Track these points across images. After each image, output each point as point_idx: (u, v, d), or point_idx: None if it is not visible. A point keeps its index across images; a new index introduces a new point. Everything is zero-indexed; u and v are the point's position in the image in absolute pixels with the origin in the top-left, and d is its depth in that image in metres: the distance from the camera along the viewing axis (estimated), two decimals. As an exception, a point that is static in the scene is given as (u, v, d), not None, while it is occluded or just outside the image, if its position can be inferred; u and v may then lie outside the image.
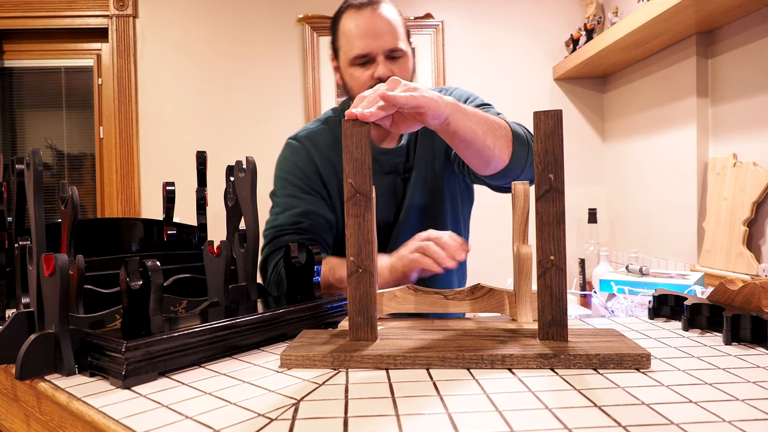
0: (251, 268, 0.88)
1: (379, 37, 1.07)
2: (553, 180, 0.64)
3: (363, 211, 0.67)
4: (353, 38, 1.08)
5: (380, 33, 1.07)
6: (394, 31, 1.08)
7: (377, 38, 1.06)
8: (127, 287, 0.61)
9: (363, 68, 1.09)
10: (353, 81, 1.11)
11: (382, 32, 1.07)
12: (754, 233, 1.69)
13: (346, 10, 1.10)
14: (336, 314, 0.84)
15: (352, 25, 1.08)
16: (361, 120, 0.66)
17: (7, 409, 0.69)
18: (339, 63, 1.15)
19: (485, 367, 0.60)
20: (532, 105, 2.46)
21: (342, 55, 1.12)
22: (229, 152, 2.42)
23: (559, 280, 0.64)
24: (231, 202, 0.99)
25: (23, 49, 2.65)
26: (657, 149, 2.18)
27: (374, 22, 1.07)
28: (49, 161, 2.68)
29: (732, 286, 0.76)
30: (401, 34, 1.10)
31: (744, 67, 1.74)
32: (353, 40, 1.08)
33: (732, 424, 0.45)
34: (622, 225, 2.51)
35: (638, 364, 0.59)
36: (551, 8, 2.63)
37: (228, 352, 0.68)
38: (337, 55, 1.15)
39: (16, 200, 0.87)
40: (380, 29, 1.07)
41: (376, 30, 1.06)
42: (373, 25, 1.06)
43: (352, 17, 1.09)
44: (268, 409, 0.50)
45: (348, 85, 1.14)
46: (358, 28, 1.07)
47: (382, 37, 1.07)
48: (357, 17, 1.08)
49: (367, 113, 0.66)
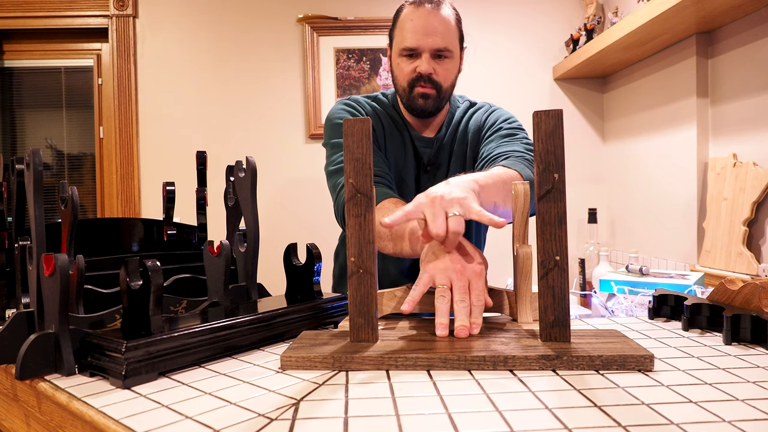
0: (251, 268, 0.88)
1: (429, 35, 1.12)
2: (556, 180, 0.64)
3: (364, 212, 0.67)
4: (406, 31, 1.14)
5: (432, 31, 1.12)
6: (447, 32, 1.14)
7: (427, 36, 1.12)
8: (127, 287, 0.61)
9: (409, 61, 1.16)
10: (398, 70, 1.18)
11: (434, 31, 1.12)
12: (754, 233, 1.69)
13: (408, 5, 1.16)
14: (336, 314, 0.83)
15: (409, 19, 1.14)
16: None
17: (7, 409, 0.69)
18: (391, 51, 1.22)
19: (487, 368, 0.60)
20: (532, 105, 2.46)
21: (394, 45, 1.19)
22: (229, 152, 2.43)
23: (561, 280, 0.64)
24: (231, 202, 0.99)
25: (23, 49, 2.65)
26: (657, 149, 2.18)
27: (429, 20, 1.12)
28: (49, 161, 2.68)
29: (732, 286, 0.76)
30: (453, 35, 1.16)
31: (744, 67, 1.74)
32: (406, 33, 1.14)
33: (732, 424, 0.45)
34: (622, 225, 2.51)
35: (641, 365, 0.59)
36: (551, 8, 2.63)
37: (228, 352, 0.68)
38: (392, 44, 1.21)
39: (16, 200, 0.87)
40: (433, 28, 1.12)
41: (428, 28, 1.12)
42: (427, 22, 1.12)
43: (411, 12, 1.15)
44: (268, 409, 0.50)
45: (394, 73, 1.21)
46: (413, 23, 1.13)
47: (432, 36, 1.12)
48: (415, 13, 1.14)
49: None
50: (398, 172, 1.23)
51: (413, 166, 1.24)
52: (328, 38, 2.57)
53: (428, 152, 1.23)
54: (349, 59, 2.57)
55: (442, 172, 1.23)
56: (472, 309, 0.71)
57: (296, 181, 2.53)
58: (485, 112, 1.26)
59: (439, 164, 1.24)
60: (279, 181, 2.55)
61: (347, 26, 2.56)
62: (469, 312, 0.70)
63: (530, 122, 0.69)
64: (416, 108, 1.18)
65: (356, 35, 2.57)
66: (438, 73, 1.15)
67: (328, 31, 2.57)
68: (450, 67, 1.17)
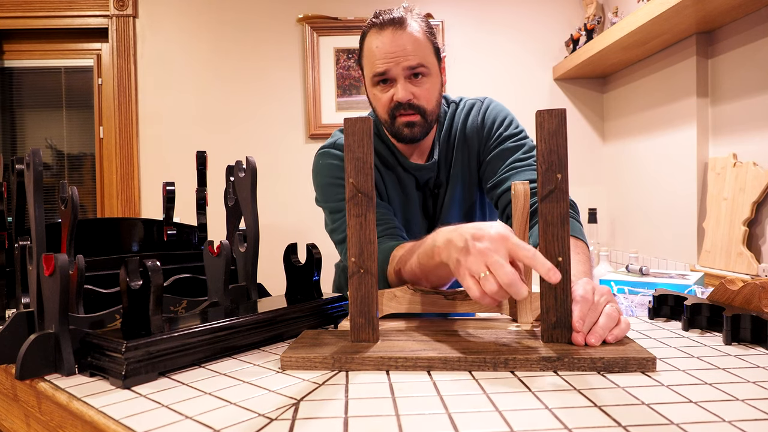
0: (251, 268, 0.88)
1: (399, 56, 1.04)
2: (559, 180, 0.64)
3: (364, 211, 0.67)
4: (374, 58, 1.06)
5: (401, 52, 1.04)
6: (418, 49, 1.05)
7: (397, 57, 1.04)
8: (127, 287, 0.61)
9: (384, 89, 1.07)
10: (376, 101, 1.10)
11: (403, 51, 1.04)
12: (754, 233, 1.69)
13: (371, 30, 1.08)
14: (336, 314, 0.83)
15: (374, 45, 1.06)
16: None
17: (7, 409, 0.69)
18: (365, 82, 1.14)
19: (488, 369, 0.60)
20: (532, 105, 2.46)
21: (366, 74, 1.11)
22: (229, 152, 2.42)
23: (563, 281, 0.64)
24: (231, 202, 0.99)
25: (23, 49, 2.65)
26: (657, 149, 2.18)
27: (395, 41, 1.04)
28: (49, 161, 2.68)
29: (732, 286, 0.76)
30: (426, 50, 1.06)
31: (744, 67, 1.74)
32: (374, 60, 1.06)
33: (732, 424, 0.45)
34: (622, 225, 2.51)
35: (643, 367, 0.59)
36: (551, 8, 2.63)
37: (228, 352, 0.68)
38: (363, 73, 1.13)
39: (16, 200, 0.87)
40: (401, 48, 1.04)
41: (396, 49, 1.04)
42: (394, 44, 1.04)
43: (375, 37, 1.06)
44: (268, 409, 0.50)
45: (372, 104, 1.13)
46: (379, 49, 1.05)
47: (403, 56, 1.04)
48: (379, 37, 1.05)
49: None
50: (403, 212, 1.17)
51: (420, 197, 1.17)
52: (328, 38, 2.57)
53: (428, 176, 1.16)
54: (349, 59, 2.57)
55: (445, 190, 1.17)
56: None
57: (296, 181, 2.53)
58: (479, 111, 1.18)
59: (440, 182, 1.17)
60: (279, 181, 2.55)
61: (347, 26, 2.56)
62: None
63: (531, 123, 0.69)
64: (404, 138, 1.09)
65: (356, 35, 2.55)
66: (418, 96, 1.05)
67: (328, 31, 2.57)
68: (429, 86, 1.07)
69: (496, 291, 0.62)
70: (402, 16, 1.05)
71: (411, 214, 1.17)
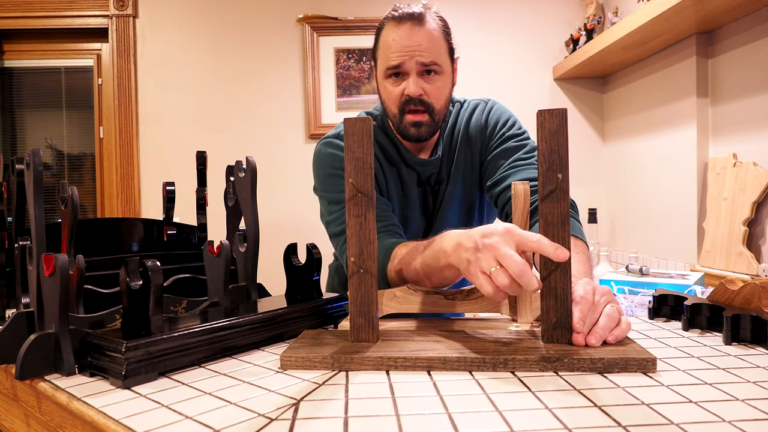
0: (251, 268, 0.88)
1: (414, 51, 1.03)
2: (560, 180, 0.64)
3: (364, 211, 0.67)
4: (389, 50, 1.05)
5: (416, 47, 1.03)
6: (433, 47, 1.05)
7: (412, 52, 1.03)
8: (127, 287, 0.61)
9: (396, 82, 1.07)
10: (386, 94, 1.09)
11: (419, 47, 1.03)
12: (754, 233, 1.69)
13: (388, 22, 1.07)
14: (336, 314, 0.83)
15: (390, 38, 1.05)
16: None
17: (7, 409, 0.69)
18: (376, 73, 1.13)
19: (488, 369, 0.60)
20: (532, 105, 2.46)
21: (379, 66, 1.11)
22: (229, 152, 2.42)
23: (564, 281, 0.64)
24: (231, 202, 0.99)
25: (23, 49, 2.65)
26: (657, 149, 2.18)
27: (412, 36, 1.04)
28: (49, 161, 2.68)
29: (732, 286, 0.76)
30: (441, 49, 1.07)
31: (744, 67, 1.74)
32: (389, 53, 1.05)
33: (732, 424, 0.45)
34: (622, 225, 2.51)
35: (644, 368, 0.59)
36: (551, 8, 2.63)
37: (228, 352, 0.68)
38: (376, 65, 1.13)
39: (16, 200, 0.87)
40: (417, 44, 1.03)
41: (412, 44, 1.03)
42: (411, 38, 1.03)
43: (393, 29, 1.06)
44: (268, 409, 0.50)
45: (382, 97, 1.12)
46: (395, 42, 1.04)
47: (418, 51, 1.03)
48: (396, 30, 1.05)
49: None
50: (401, 209, 1.17)
51: (421, 193, 1.17)
52: (328, 38, 2.57)
53: (431, 172, 1.16)
54: (349, 59, 2.57)
55: (446, 187, 1.17)
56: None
57: (296, 181, 2.53)
58: (483, 112, 1.19)
59: (442, 179, 1.17)
60: (279, 180, 2.55)
61: (347, 26, 2.56)
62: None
63: (532, 123, 0.69)
64: (410, 137, 1.10)
65: (356, 35, 2.57)
66: (429, 93, 1.06)
67: (328, 31, 2.57)
68: (441, 84, 1.08)
69: (508, 284, 0.63)
70: (422, 12, 1.05)
71: (410, 211, 1.18)
